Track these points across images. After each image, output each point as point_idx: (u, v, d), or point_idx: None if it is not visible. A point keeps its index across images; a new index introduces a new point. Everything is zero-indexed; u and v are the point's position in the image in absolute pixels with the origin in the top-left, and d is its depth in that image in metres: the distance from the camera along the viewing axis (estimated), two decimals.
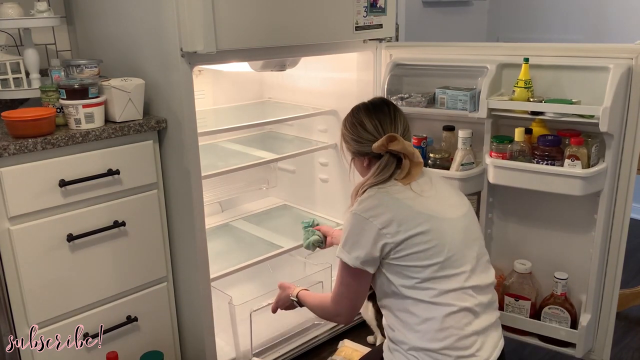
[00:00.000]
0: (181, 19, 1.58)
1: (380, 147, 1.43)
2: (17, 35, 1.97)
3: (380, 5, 2.02)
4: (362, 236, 1.39)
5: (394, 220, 1.36)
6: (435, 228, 1.38)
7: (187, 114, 1.68)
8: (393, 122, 1.48)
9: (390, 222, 1.36)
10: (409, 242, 1.36)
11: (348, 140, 1.52)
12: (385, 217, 1.37)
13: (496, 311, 1.49)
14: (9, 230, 1.52)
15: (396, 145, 1.42)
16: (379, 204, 1.40)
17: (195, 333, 1.91)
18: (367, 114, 1.50)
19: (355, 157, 1.54)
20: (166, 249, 1.86)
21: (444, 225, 1.40)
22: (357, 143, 1.50)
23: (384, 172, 1.45)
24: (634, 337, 2.32)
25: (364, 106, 1.53)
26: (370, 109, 1.51)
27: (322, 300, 1.59)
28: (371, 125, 1.48)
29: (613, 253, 1.78)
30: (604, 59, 1.67)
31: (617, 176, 1.73)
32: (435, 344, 1.35)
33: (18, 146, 1.48)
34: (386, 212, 1.38)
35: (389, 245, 1.36)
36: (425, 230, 1.37)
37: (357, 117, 1.51)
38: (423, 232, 1.37)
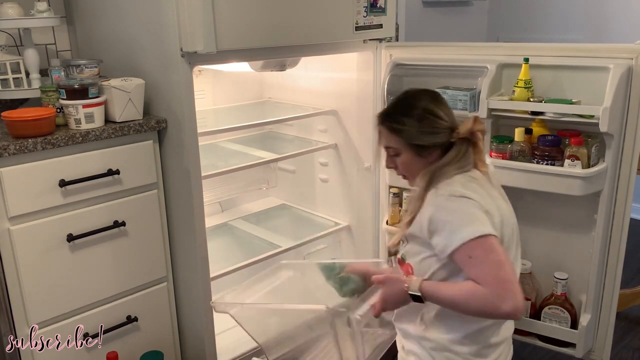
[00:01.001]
0: (181, 19, 1.58)
1: (468, 131, 1.35)
2: (17, 35, 1.97)
3: (380, 5, 2.02)
4: (471, 211, 1.27)
5: (494, 215, 1.29)
6: (510, 234, 1.35)
7: (187, 114, 1.68)
8: (448, 111, 1.41)
9: (492, 214, 1.28)
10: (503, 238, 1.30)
11: (417, 135, 1.37)
12: (486, 207, 1.28)
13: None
14: (9, 230, 1.52)
15: (480, 125, 1.35)
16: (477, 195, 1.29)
17: (195, 333, 1.91)
18: (435, 103, 1.39)
19: (423, 152, 1.38)
20: (166, 249, 1.86)
21: (513, 231, 1.37)
22: (432, 135, 1.36)
23: (465, 158, 1.35)
24: (634, 337, 2.32)
25: (427, 97, 1.41)
26: (435, 98, 1.41)
27: (469, 288, 1.24)
28: (443, 112, 1.38)
29: (613, 253, 1.78)
30: (604, 59, 1.67)
31: (617, 176, 1.72)
32: (464, 348, 1.33)
33: (18, 146, 1.48)
34: (485, 204, 1.29)
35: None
36: (509, 237, 1.34)
37: (427, 108, 1.38)
38: (508, 238, 1.34)
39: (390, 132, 1.40)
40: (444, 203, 1.29)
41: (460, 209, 1.27)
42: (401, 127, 1.38)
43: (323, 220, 2.47)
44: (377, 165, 2.19)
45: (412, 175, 1.43)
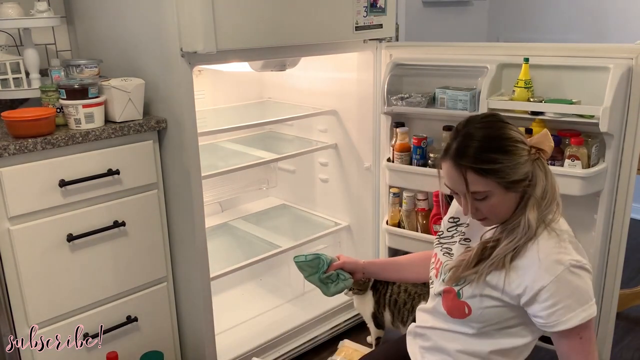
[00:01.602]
0: (181, 19, 1.58)
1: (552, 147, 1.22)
2: (17, 35, 1.97)
3: (380, 5, 2.02)
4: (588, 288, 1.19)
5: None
6: None
7: (187, 114, 1.68)
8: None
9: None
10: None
11: (513, 170, 1.19)
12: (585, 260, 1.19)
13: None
14: (9, 230, 1.52)
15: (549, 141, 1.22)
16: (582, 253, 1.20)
17: (195, 333, 1.91)
18: (508, 126, 1.22)
19: (513, 187, 1.21)
20: (166, 249, 1.86)
21: None
22: (524, 165, 1.20)
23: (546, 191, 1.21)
24: (634, 337, 2.32)
25: (500, 120, 1.24)
26: (502, 120, 1.24)
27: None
28: (518, 133, 1.22)
29: (613, 253, 1.77)
30: (604, 59, 1.67)
31: (617, 176, 1.72)
32: None
33: (18, 146, 1.48)
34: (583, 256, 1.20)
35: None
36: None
37: (511, 137, 1.20)
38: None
39: (479, 174, 1.18)
40: (567, 277, 1.15)
41: (582, 286, 1.17)
42: (495, 167, 1.18)
43: (323, 220, 2.48)
44: (377, 165, 2.19)
45: (500, 218, 1.24)
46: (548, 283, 1.15)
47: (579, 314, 1.16)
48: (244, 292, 2.41)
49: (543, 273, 1.16)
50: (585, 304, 1.16)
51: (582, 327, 1.17)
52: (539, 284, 1.16)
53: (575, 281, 1.16)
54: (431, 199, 1.97)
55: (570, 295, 1.16)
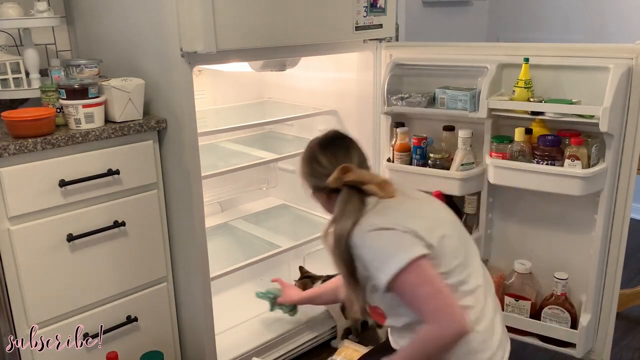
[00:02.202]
0: (181, 19, 1.58)
1: (336, 180, 1.39)
2: (17, 35, 1.97)
3: (380, 5, 2.02)
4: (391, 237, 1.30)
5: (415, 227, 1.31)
6: (449, 229, 1.38)
7: (187, 114, 1.68)
8: (347, 154, 1.45)
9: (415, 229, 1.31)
10: (440, 244, 1.33)
11: (305, 176, 1.49)
12: (405, 225, 1.31)
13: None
14: (9, 230, 1.52)
15: (351, 175, 1.38)
16: (388, 217, 1.33)
17: (195, 333, 1.91)
18: (320, 149, 1.47)
19: (315, 191, 1.50)
20: (166, 249, 1.86)
21: (450, 225, 1.41)
22: (314, 178, 1.46)
23: (348, 206, 1.38)
24: (634, 337, 2.32)
25: (317, 141, 1.50)
26: (323, 144, 1.48)
27: (418, 337, 1.33)
28: (325, 159, 1.44)
29: (613, 253, 1.78)
30: (604, 59, 1.67)
31: (617, 176, 1.73)
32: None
33: (18, 146, 1.48)
34: (401, 221, 1.32)
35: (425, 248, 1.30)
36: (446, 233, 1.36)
37: (312, 153, 1.48)
38: (445, 235, 1.35)
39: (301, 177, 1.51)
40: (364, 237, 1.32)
41: (383, 244, 1.31)
42: (300, 169, 1.51)
43: (323, 220, 2.47)
44: (377, 165, 2.19)
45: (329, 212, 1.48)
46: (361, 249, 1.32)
47: (381, 270, 1.28)
48: (244, 292, 2.41)
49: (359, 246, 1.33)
50: (386, 260, 1.28)
51: (399, 280, 1.27)
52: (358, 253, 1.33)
53: (375, 241, 1.31)
54: None
55: (375, 255, 1.31)
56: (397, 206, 1.38)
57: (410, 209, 1.39)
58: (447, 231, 1.37)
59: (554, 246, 1.90)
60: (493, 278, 1.94)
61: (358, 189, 1.39)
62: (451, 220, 1.44)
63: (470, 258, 1.41)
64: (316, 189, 1.48)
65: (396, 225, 1.31)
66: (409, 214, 1.36)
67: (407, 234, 1.30)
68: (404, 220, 1.32)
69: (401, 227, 1.30)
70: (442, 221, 1.40)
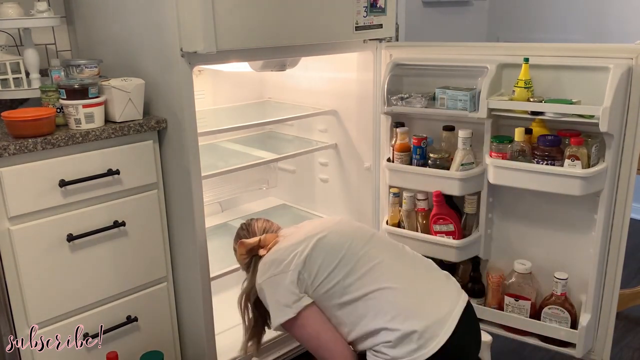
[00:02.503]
0: (181, 19, 1.58)
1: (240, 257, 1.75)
2: (17, 35, 1.97)
3: (380, 5, 2.02)
4: (280, 288, 1.55)
5: (291, 258, 1.56)
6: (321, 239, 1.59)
7: (187, 114, 1.68)
8: (249, 233, 1.79)
9: (290, 262, 1.56)
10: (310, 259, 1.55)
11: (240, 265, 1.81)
12: (283, 263, 1.57)
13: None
14: (9, 230, 1.52)
15: (244, 247, 1.71)
16: (271, 261, 1.60)
17: (195, 333, 1.91)
18: (234, 241, 1.82)
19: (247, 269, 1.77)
20: (166, 249, 1.86)
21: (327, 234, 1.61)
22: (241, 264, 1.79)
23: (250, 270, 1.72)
24: (634, 337, 2.32)
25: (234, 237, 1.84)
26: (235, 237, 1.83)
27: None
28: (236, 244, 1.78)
29: (613, 253, 1.78)
30: (604, 59, 1.67)
31: (617, 176, 1.72)
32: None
33: (18, 146, 1.48)
34: (280, 260, 1.58)
35: (301, 273, 1.54)
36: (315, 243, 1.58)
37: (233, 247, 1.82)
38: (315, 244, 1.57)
39: None
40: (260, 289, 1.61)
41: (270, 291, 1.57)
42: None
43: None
44: (377, 165, 2.20)
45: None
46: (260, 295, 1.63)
47: (274, 321, 1.57)
48: None
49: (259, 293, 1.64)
50: (275, 312, 1.56)
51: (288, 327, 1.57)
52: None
53: (263, 295, 1.59)
54: (431, 199, 1.97)
55: (268, 304, 1.58)
56: (276, 251, 1.63)
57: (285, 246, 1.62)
58: (322, 234, 1.60)
59: (554, 246, 1.90)
60: (493, 278, 1.95)
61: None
62: (332, 224, 1.66)
63: (358, 244, 1.59)
64: (246, 272, 1.76)
65: (276, 271, 1.57)
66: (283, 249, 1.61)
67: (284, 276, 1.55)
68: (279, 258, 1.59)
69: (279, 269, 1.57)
70: (316, 232, 1.61)
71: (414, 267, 1.60)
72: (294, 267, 1.55)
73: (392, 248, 1.64)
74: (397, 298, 1.48)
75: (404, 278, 1.54)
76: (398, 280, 1.51)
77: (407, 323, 1.43)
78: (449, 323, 1.45)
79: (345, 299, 1.51)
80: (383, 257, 1.56)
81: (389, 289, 1.49)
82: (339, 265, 1.54)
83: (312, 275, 1.54)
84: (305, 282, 1.55)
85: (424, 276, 1.58)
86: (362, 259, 1.55)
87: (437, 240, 1.98)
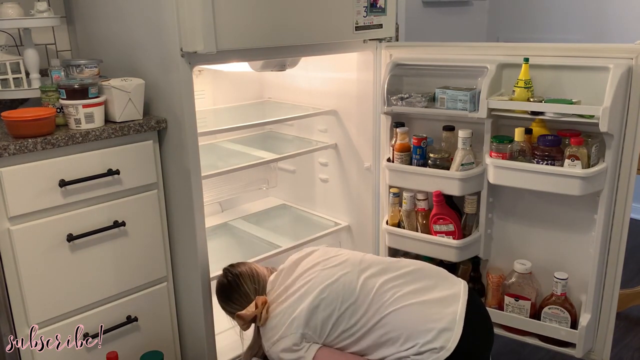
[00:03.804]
0: (181, 19, 1.58)
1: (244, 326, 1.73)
2: (17, 35, 1.97)
3: (380, 5, 2.02)
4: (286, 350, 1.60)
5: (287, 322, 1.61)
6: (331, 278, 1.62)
7: (187, 114, 1.68)
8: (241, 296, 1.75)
9: (289, 324, 1.60)
10: (310, 318, 1.59)
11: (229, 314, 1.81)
12: (284, 326, 1.61)
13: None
14: (9, 230, 1.52)
15: (243, 320, 1.69)
16: (272, 328, 1.64)
17: (195, 333, 1.91)
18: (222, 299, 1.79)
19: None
20: (166, 249, 1.86)
21: (333, 271, 1.65)
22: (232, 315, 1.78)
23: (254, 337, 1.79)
24: (634, 337, 2.32)
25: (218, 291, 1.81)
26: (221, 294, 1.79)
27: None
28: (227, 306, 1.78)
29: (613, 253, 1.78)
30: (604, 59, 1.67)
31: (617, 176, 1.72)
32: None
33: (18, 146, 1.48)
34: (280, 323, 1.62)
35: (305, 333, 1.59)
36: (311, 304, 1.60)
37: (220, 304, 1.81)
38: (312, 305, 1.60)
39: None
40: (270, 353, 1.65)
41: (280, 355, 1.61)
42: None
43: (323, 220, 2.47)
44: (377, 165, 2.20)
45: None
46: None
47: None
48: None
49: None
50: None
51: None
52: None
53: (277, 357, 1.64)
54: (431, 199, 1.97)
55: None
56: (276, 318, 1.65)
57: (283, 309, 1.64)
58: (318, 290, 1.61)
59: (554, 246, 1.90)
60: (493, 278, 1.95)
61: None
62: (322, 270, 1.67)
63: (352, 279, 1.62)
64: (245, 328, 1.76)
65: (279, 338, 1.61)
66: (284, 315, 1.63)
67: (290, 343, 1.59)
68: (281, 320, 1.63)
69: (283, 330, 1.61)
70: (311, 288, 1.63)
71: (413, 280, 1.62)
72: (295, 329, 1.60)
73: (383, 268, 1.66)
74: (405, 319, 1.53)
75: (404, 297, 1.57)
76: (399, 300, 1.56)
77: (420, 338, 1.49)
78: (457, 323, 1.50)
79: (357, 336, 1.57)
80: (377, 283, 1.60)
81: (393, 312, 1.55)
82: (340, 313, 1.59)
83: (318, 331, 1.60)
84: (312, 338, 1.61)
85: (421, 285, 1.61)
86: (361, 293, 1.59)
87: (437, 240, 1.98)
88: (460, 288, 1.59)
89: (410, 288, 1.59)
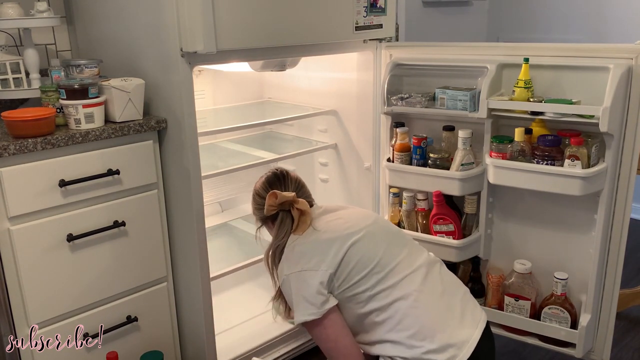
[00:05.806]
0: (181, 19, 1.58)
1: (269, 208, 1.63)
2: (17, 35, 1.97)
3: (380, 5, 2.02)
4: (308, 286, 1.52)
5: (323, 256, 1.53)
6: (357, 242, 1.56)
7: (187, 114, 1.68)
8: (283, 185, 1.70)
9: (322, 260, 1.53)
10: (343, 262, 1.53)
11: (253, 211, 1.75)
12: (315, 259, 1.53)
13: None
14: (9, 230, 1.52)
15: (276, 199, 1.61)
16: (302, 253, 1.56)
17: (195, 333, 1.91)
18: (262, 185, 1.72)
19: (262, 223, 1.75)
20: (166, 249, 1.86)
21: (363, 237, 1.58)
22: (257, 210, 1.73)
23: (282, 227, 1.64)
24: (634, 337, 2.32)
25: (260, 180, 1.75)
26: (265, 181, 1.73)
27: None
28: (264, 192, 1.69)
29: (613, 253, 1.78)
30: (604, 59, 1.67)
31: (617, 176, 1.73)
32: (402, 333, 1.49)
33: (18, 146, 1.48)
34: (312, 255, 1.54)
35: (331, 276, 1.52)
36: (350, 245, 1.54)
37: (254, 189, 1.74)
38: (350, 247, 1.54)
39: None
40: (286, 281, 1.57)
41: (298, 287, 1.54)
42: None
43: None
44: (377, 165, 2.20)
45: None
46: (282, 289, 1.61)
47: (298, 317, 1.54)
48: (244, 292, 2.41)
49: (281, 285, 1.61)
50: (299, 310, 1.53)
51: (309, 327, 1.55)
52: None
53: (288, 288, 1.56)
54: (431, 199, 1.97)
55: (292, 299, 1.55)
56: (309, 242, 1.58)
57: (320, 238, 1.58)
58: (357, 236, 1.57)
59: (554, 246, 1.90)
60: (493, 278, 1.96)
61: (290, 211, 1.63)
62: (369, 224, 1.62)
63: (393, 251, 1.58)
64: (261, 220, 1.73)
65: (305, 266, 1.54)
66: (317, 244, 1.57)
67: (313, 275, 1.52)
68: (311, 254, 1.55)
69: (309, 264, 1.53)
70: (352, 230, 1.58)
71: (441, 282, 1.58)
72: (326, 267, 1.52)
73: (424, 259, 1.62)
74: (421, 314, 1.49)
75: (431, 294, 1.53)
76: (425, 296, 1.52)
77: (426, 342, 1.45)
78: (467, 346, 1.46)
79: (371, 306, 1.52)
80: (414, 269, 1.55)
81: (414, 302, 1.50)
82: (370, 273, 1.53)
83: (341, 279, 1.53)
84: (333, 284, 1.54)
85: (451, 294, 1.57)
86: (395, 269, 1.54)
87: (437, 240, 1.98)
88: (482, 316, 1.56)
89: (440, 289, 1.55)
